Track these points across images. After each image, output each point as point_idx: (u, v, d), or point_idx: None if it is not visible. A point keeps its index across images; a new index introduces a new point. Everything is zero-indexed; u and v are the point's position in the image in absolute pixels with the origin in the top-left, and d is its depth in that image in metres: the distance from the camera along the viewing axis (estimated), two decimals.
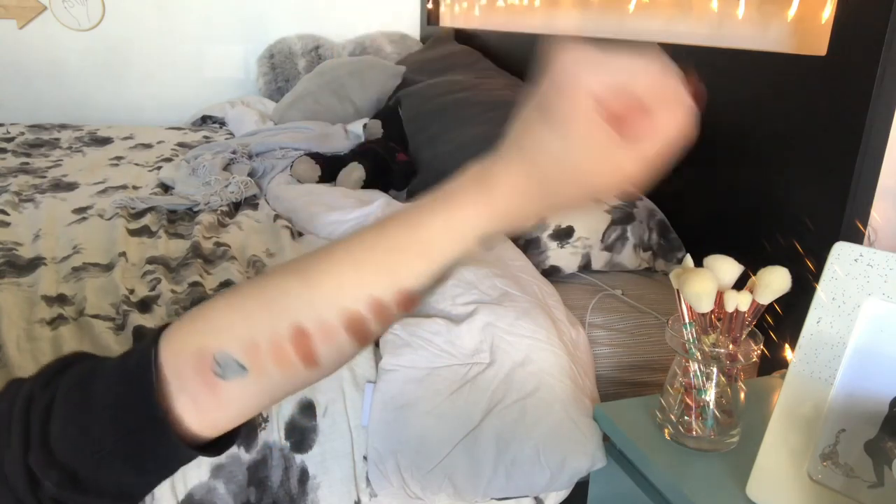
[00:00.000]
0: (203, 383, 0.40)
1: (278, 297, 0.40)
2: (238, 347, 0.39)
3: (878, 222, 0.92)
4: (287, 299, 0.39)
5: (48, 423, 0.39)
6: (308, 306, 0.39)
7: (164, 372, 0.40)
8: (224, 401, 0.41)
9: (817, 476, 0.63)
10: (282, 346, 0.39)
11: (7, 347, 0.92)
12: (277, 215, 1.48)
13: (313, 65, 2.72)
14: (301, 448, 0.86)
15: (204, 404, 0.40)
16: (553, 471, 0.84)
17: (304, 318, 0.39)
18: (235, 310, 0.40)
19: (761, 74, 1.07)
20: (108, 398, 0.40)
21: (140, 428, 0.40)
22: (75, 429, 0.39)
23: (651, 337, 1.08)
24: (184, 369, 0.40)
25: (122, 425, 0.40)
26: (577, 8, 1.84)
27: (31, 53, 2.65)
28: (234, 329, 0.40)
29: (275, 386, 0.41)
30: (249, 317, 0.40)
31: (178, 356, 0.40)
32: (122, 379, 0.40)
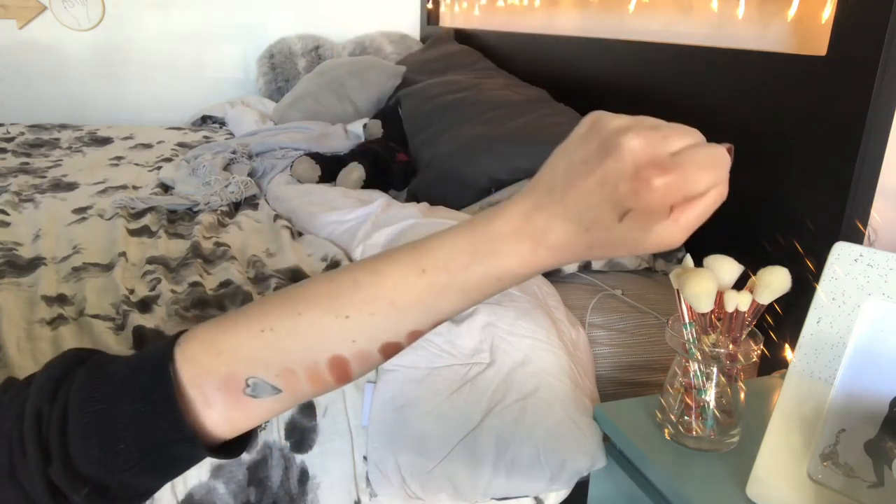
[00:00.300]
0: (231, 400, 0.41)
1: (314, 332, 0.40)
2: (272, 374, 0.41)
3: (878, 222, 0.92)
4: (325, 333, 0.40)
5: (66, 442, 0.39)
6: (347, 340, 0.40)
7: (188, 392, 0.40)
8: (252, 413, 0.42)
9: (817, 476, 0.63)
10: (319, 371, 0.41)
11: (7, 347, 0.92)
12: (277, 215, 1.48)
13: (313, 65, 2.72)
14: (301, 448, 0.86)
15: (232, 416, 0.41)
16: (553, 471, 0.84)
17: (342, 349, 0.41)
18: (267, 344, 0.40)
19: (761, 74, 1.07)
20: (130, 419, 0.40)
21: (168, 443, 0.40)
22: (99, 448, 0.39)
23: (651, 337, 1.08)
24: (209, 389, 0.40)
25: (150, 443, 0.40)
26: (577, 8, 1.84)
27: (31, 53, 2.65)
28: (266, 359, 0.40)
29: (305, 397, 0.43)
30: (283, 350, 0.40)
31: (203, 378, 0.40)
32: (142, 398, 0.40)
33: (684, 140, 0.36)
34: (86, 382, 0.41)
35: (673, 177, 0.34)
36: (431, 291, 0.40)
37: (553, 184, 0.38)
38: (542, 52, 1.92)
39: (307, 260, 1.25)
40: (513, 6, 2.21)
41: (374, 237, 1.22)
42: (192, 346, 0.41)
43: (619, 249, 0.38)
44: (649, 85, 1.38)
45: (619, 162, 0.35)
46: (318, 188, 1.59)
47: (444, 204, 1.39)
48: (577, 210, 0.37)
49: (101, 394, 0.40)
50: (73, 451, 0.39)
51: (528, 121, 1.48)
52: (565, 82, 1.73)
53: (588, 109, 1.42)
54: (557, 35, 1.84)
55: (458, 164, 1.46)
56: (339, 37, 2.90)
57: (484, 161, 1.40)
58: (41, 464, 0.39)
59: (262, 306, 0.42)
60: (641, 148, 0.35)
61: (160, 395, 0.39)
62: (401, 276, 0.40)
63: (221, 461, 0.83)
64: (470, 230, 0.40)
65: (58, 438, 0.39)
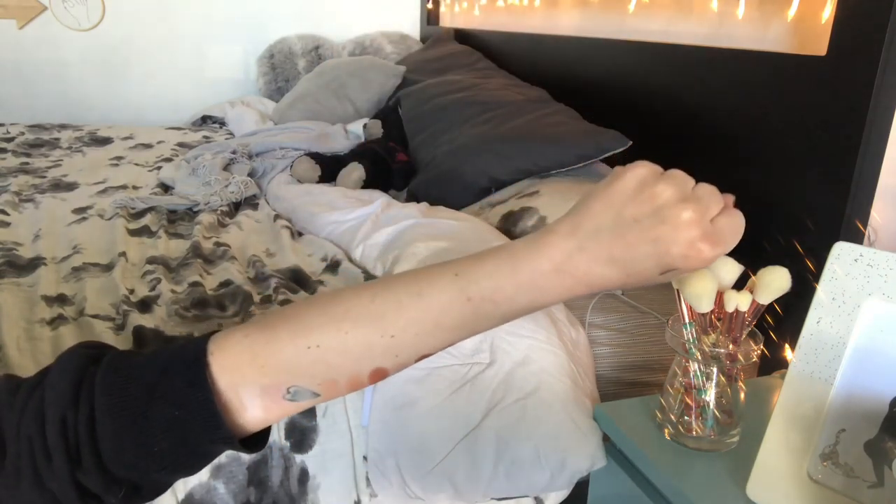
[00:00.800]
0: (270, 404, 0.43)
1: (361, 349, 0.42)
2: (315, 384, 0.43)
3: (878, 222, 0.92)
4: (371, 351, 0.43)
5: (98, 447, 0.40)
6: (391, 355, 0.43)
7: (225, 397, 0.42)
8: (286, 412, 0.44)
9: (817, 476, 0.63)
10: (360, 381, 0.44)
11: (7, 347, 0.92)
12: (277, 215, 1.48)
13: (313, 65, 2.72)
14: (301, 448, 0.86)
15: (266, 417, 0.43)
16: (553, 471, 0.84)
17: (386, 363, 0.43)
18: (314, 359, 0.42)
19: (761, 74, 1.07)
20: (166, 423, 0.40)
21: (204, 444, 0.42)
22: (135, 452, 0.40)
23: (651, 337, 1.08)
24: (248, 396, 0.42)
25: (185, 446, 0.41)
26: (577, 8, 1.84)
27: (31, 53, 2.65)
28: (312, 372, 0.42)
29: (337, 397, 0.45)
30: (329, 364, 0.42)
31: (242, 388, 0.42)
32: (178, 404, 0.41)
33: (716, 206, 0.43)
34: (110, 385, 0.41)
35: (719, 249, 0.42)
36: (475, 316, 0.43)
37: (598, 230, 0.42)
38: (542, 52, 1.92)
39: (307, 260, 1.25)
40: (513, 6, 2.21)
41: (374, 237, 1.22)
42: (230, 356, 0.42)
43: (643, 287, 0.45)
44: (649, 85, 1.38)
45: (675, 231, 0.41)
46: (318, 188, 1.59)
47: (444, 204, 1.39)
48: (623, 259, 0.42)
49: (130, 397, 0.40)
50: (107, 456, 0.40)
51: (528, 121, 1.48)
52: (565, 82, 1.73)
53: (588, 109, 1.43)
54: (557, 35, 1.84)
55: (458, 164, 1.46)
56: (339, 37, 2.90)
57: (484, 161, 1.40)
58: (69, 468, 0.39)
59: (302, 319, 0.43)
60: (695, 222, 0.41)
61: (197, 401, 0.40)
62: (447, 302, 0.43)
63: (222, 461, 0.83)
64: (513, 262, 0.43)
65: (88, 445, 0.39)
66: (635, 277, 0.42)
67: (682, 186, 0.43)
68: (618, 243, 0.42)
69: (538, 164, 1.34)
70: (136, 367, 0.42)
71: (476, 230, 1.17)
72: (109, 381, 0.41)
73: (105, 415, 0.40)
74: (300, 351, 0.42)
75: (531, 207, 1.22)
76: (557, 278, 0.42)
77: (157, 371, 0.41)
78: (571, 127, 1.42)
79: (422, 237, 1.13)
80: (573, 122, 1.46)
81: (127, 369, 0.42)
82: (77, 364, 0.42)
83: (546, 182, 1.32)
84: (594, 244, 0.42)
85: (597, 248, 0.42)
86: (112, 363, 0.42)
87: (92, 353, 0.43)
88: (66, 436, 0.39)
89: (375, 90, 2.30)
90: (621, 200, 0.42)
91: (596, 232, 0.42)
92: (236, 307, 1.06)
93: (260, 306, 1.06)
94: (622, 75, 1.49)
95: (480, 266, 0.43)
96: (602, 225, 0.42)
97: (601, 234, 0.42)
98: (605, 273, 0.42)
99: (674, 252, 0.41)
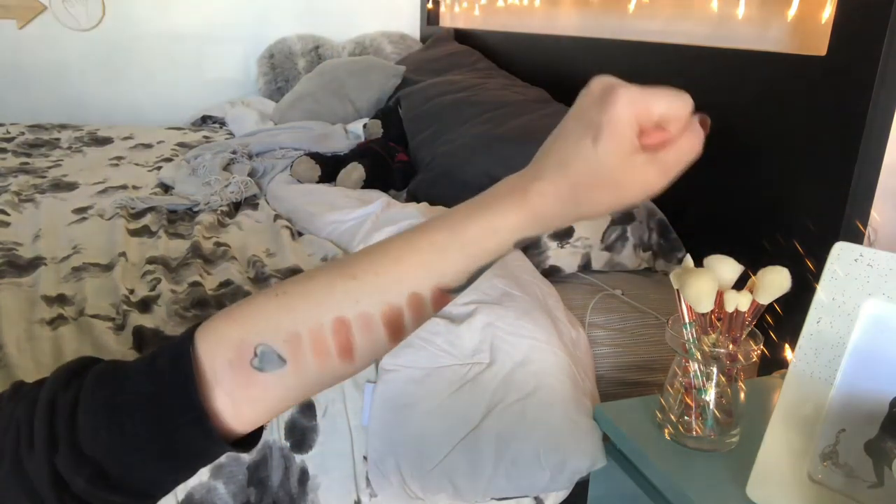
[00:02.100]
0: (239, 376, 0.41)
1: (323, 291, 0.42)
2: (280, 339, 0.41)
3: (878, 222, 0.92)
4: (332, 293, 0.42)
5: (75, 424, 0.40)
6: (351, 300, 0.42)
7: (202, 368, 0.41)
8: (259, 395, 0.42)
9: (817, 476, 0.63)
10: (323, 337, 0.42)
11: (7, 347, 0.92)
12: (277, 215, 1.48)
13: (313, 65, 2.72)
14: (301, 448, 0.86)
15: (239, 399, 0.42)
16: (553, 471, 0.84)
17: (346, 310, 0.42)
18: (279, 305, 0.42)
19: (761, 74, 1.07)
20: (141, 397, 0.40)
21: (178, 425, 0.40)
22: (108, 428, 0.40)
23: (651, 337, 1.08)
24: (220, 364, 0.41)
25: (159, 424, 0.40)
26: (577, 8, 1.84)
27: (31, 53, 2.65)
28: (277, 322, 0.42)
29: (309, 380, 0.43)
30: (293, 310, 0.42)
31: (215, 350, 0.41)
32: (156, 378, 0.41)
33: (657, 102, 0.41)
34: (102, 371, 0.42)
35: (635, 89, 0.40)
36: (433, 248, 0.42)
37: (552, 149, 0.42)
38: (542, 52, 1.92)
39: (307, 260, 1.25)
40: (513, 6, 2.21)
41: (374, 237, 1.22)
42: (211, 322, 0.43)
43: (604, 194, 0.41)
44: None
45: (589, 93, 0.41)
46: (318, 188, 1.59)
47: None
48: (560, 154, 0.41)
49: (115, 380, 0.41)
50: (81, 434, 0.40)
51: (528, 121, 1.48)
52: (565, 82, 1.73)
53: None
54: (557, 35, 1.84)
55: (458, 164, 1.46)
56: (339, 37, 2.90)
57: (484, 161, 1.40)
58: (48, 451, 0.39)
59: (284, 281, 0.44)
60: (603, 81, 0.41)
61: (174, 375, 0.40)
62: (405, 239, 0.43)
63: (222, 461, 0.83)
64: (471, 200, 0.44)
65: (67, 422, 0.40)
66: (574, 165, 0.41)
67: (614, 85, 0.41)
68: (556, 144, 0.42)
69: None
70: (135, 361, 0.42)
71: None
72: (100, 371, 0.42)
73: (87, 394, 0.40)
74: (268, 299, 0.43)
75: None
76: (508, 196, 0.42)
77: (148, 357, 0.42)
78: None
79: None
80: None
81: (124, 363, 0.42)
82: (80, 361, 0.43)
83: None
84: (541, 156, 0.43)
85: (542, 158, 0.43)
86: (114, 360, 0.43)
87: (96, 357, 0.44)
88: (52, 418, 0.40)
89: (375, 90, 2.30)
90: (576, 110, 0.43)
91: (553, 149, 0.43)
92: None
93: None
94: (622, 75, 1.49)
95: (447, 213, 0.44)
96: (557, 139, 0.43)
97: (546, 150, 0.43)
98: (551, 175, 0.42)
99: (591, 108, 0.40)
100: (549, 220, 0.42)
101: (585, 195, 0.41)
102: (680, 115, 0.41)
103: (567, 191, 0.41)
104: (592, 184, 0.40)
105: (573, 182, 0.41)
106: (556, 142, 0.42)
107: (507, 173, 0.45)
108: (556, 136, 0.42)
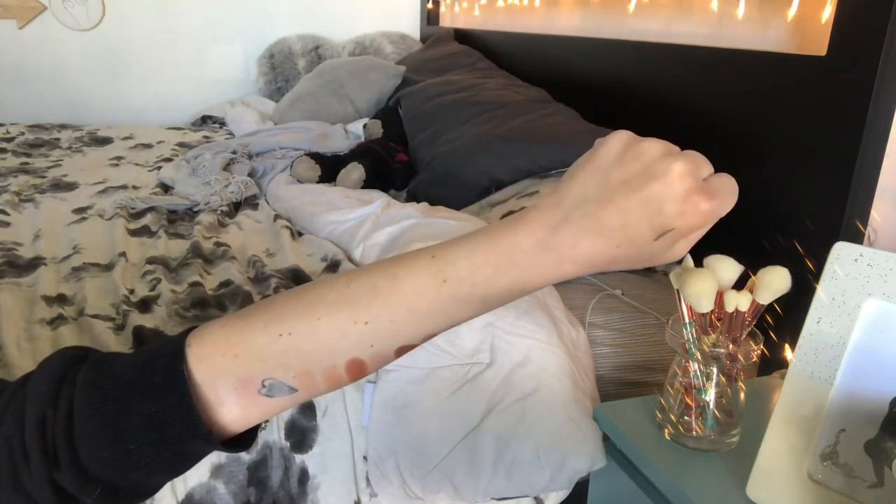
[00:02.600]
0: (245, 399, 0.41)
1: (334, 336, 0.40)
2: (290, 376, 0.41)
3: (878, 222, 0.92)
4: (345, 337, 0.40)
5: (74, 445, 0.39)
6: (365, 344, 0.41)
7: (202, 392, 0.40)
8: (265, 409, 0.42)
9: (817, 476, 0.63)
10: (337, 373, 0.41)
11: (7, 347, 0.92)
12: (277, 215, 1.48)
13: (313, 65, 2.72)
14: (301, 448, 0.86)
15: (245, 413, 0.42)
16: (553, 471, 0.84)
17: (361, 353, 0.41)
18: (287, 347, 0.40)
19: (761, 74, 1.07)
20: (143, 420, 0.39)
21: (182, 442, 0.40)
22: (110, 450, 0.39)
23: (651, 337, 1.08)
24: (224, 390, 0.40)
25: (163, 443, 0.40)
26: (577, 8, 1.84)
27: (31, 53, 2.65)
28: (286, 362, 0.41)
29: (318, 394, 0.43)
30: (302, 352, 0.40)
31: (218, 380, 0.40)
32: (154, 399, 0.39)
33: (708, 168, 0.40)
34: (90, 382, 0.40)
35: (716, 203, 0.38)
36: (452, 301, 0.40)
37: (584, 199, 0.39)
38: (542, 52, 1.92)
39: (307, 260, 1.25)
40: (513, 6, 2.21)
41: (374, 237, 1.22)
42: (206, 346, 0.41)
43: (637, 263, 0.40)
44: (649, 85, 1.38)
45: (667, 186, 0.38)
46: (318, 188, 1.59)
47: (444, 204, 1.39)
48: (613, 226, 0.38)
49: (109, 394, 0.40)
50: (83, 454, 0.39)
51: (528, 121, 1.48)
52: (565, 82, 1.73)
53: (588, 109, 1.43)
54: (557, 35, 1.84)
55: (458, 164, 1.46)
56: (339, 37, 2.90)
57: (484, 161, 1.40)
58: (46, 469, 0.38)
59: (277, 308, 0.41)
60: (688, 173, 0.38)
61: (173, 395, 0.39)
62: (422, 284, 0.40)
63: (222, 461, 0.83)
64: (491, 241, 0.40)
65: (65, 443, 0.39)
66: (628, 247, 0.39)
67: (669, 144, 0.40)
68: (607, 209, 0.38)
69: (538, 164, 1.34)
70: (118, 364, 0.41)
71: None
72: (90, 378, 0.40)
73: (82, 411, 0.39)
74: (272, 339, 0.40)
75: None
76: (541, 255, 0.39)
77: (138, 367, 0.40)
78: (571, 127, 1.42)
79: (422, 237, 1.13)
80: (573, 122, 1.46)
81: (109, 367, 0.41)
82: (60, 363, 0.41)
83: (546, 182, 1.32)
84: (580, 213, 0.39)
85: (584, 218, 0.38)
86: (95, 361, 0.41)
87: (78, 353, 0.42)
88: (44, 435, 0.39)
89: (375, 90, 2.30)
90: (607, 164, 0.39)
91: (582, 201, 0.39)
92: (236, 307, 1.06)
93: None
94: (622, 75, 1.49)
95: (458, 247, 0.41)
96: (588, 192, 0.39)
97: (587, 202, 0.39)
98: (594, 245, 0.38)
99: (668, 210, 0.38)
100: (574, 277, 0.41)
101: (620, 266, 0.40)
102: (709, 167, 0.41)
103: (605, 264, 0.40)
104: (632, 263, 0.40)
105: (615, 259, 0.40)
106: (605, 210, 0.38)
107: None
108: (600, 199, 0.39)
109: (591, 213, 0.38)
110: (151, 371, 0.40)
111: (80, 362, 0.42)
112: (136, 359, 0.41)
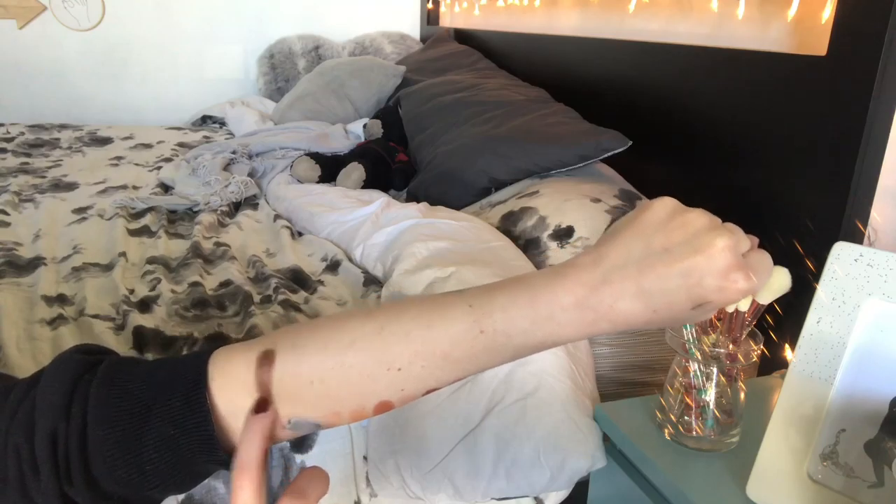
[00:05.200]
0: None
1: (365, 381, 0.40)
2: (318, 416, 0.41)
3: (878, 222, 0.92)
4: (375, 383, 0.41)
5: (88, 462, 0.39)
6: (396, 388, 0.41)
7: (223, 422, 0.40)
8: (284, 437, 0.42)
9: (817, 476, 0.63)
10: (364, 413, 0.41)
11: (7, 347, 0.92)
12: (277, 215, 1.48)
13: (313, 65, 2.72)
14: (301, 448, 0.86)
15: None
16: (553, 471, 0.84)
17: (391, 396, 0.41)
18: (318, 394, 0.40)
19: (761, 74, 1.07)
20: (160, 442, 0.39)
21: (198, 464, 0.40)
22: (126, 469, 0.39)
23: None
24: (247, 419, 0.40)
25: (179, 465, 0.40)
26: (577, 8, 1.84)
27: (31, 53, 2.65)
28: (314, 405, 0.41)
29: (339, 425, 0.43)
30: (331, 397, 0.40)
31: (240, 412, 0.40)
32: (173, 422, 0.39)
33: (747, 243, 0.42)
34: (105, 397, 0.39)
35: (754, 283, 0.40)
36: (486, 350, 0.41)
37: (626, 262, 0.40)
38: (542, 52, 1.92)
39: (307, 260, 1.25)
40: (513, 6, 2.21)
41: (374, 237, 1.22)
42: (229, 380, 0.40)
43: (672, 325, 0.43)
44: (649, 85, 1.38)
45: (710, 260, 0.39)
46: (318, 188, 1.59)
47: (444, 204, 1.39)
48: (651, 291, 0.39)
49: (125, 413, 0.39)
50: (98, 471, 0.39)
51: (528, 121, 1.48)
52: (565, 82, 1.73)
53: (588, 109, 1.43)
54: (557, 35, 1.84)
55: (458, 164, 1.46)
56: (339, 37, 2.90)
57: (484, 161, 1.40)
58: (57, 482, 0.38)
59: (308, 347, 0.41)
60: (730, 249, 0.39)
61: (192, 421, 0.39)
62: (458, 334, 0.40)
63: None
64: (531, 296, 0.41)
65: (78, 459, 0.38)
66: (665, 312, 0.40)
67: (713, 217, 0.41)
68: (647, 275, 0.39)
69: (538, 164, 1.34)
70: (132, 379, 0.40)
71: (476, 230, 1.17)
72: (104, 394, 0.39)
73: (97, 428, 0.38)
74: (302, 385, 0.40)
75: (531, 207, 1.22)
76: (578, 313, 0.40)
77: (155, 387, 0.40)
78: (571, 127, 1.42)
79: (422, 237, 1.13)
80: (573, 122, 1.46)
81: (123, 382, 0.40)
82: (71, 372, 0.40)
83: (546, 182, 1.32)
84: (620, 276, 0.40)
85: (623, 281, 0.39)
86: (108, 374, 0.41)
87: (88, 359, 0.42)
88: (55, 449, 0.38)
89: (375, 90, 2.30)
90: (651, 229, 0.40)
91: (623, 263, 0.40)
92: (236, 307, 1.06)
93: (260, 306, 1.06)
94: (622, 75, 1.49)
95: (495, 297, 0.41)
96: (630, 256, 0.40)
97: (629, 265, 0.40)
98: (632, 308, 0.40)
99: (708, 283, 0.39)
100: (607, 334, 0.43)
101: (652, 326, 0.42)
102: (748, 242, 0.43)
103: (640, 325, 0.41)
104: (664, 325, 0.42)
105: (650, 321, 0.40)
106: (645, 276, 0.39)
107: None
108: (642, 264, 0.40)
109: (631, 277, 0.39)
110: (170, 393, 0.40)
111: (91, 369, 0.41)
112: (152, 377, 0.41)
